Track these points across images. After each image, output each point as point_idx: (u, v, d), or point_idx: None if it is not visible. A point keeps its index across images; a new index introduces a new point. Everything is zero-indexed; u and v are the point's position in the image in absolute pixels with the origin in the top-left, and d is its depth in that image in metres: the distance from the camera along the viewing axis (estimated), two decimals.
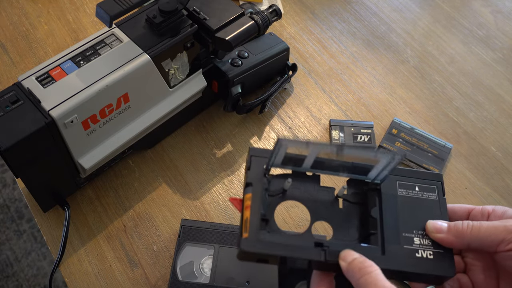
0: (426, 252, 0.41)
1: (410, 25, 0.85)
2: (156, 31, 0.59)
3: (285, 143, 0.40)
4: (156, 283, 0.59)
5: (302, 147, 0.40)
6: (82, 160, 0.58)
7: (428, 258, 0.40)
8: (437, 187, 0.44)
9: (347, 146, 0.40)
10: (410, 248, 0.41)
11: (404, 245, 0.41)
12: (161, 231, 0.63)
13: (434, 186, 0.44)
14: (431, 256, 0.41)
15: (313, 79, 0.78)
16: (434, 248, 0.41)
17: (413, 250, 0.41)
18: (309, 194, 0.45)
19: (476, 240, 0.39)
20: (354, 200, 0.44)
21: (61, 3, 0.84)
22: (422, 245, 0.41)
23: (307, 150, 0.41)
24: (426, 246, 0.41)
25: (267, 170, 0.43)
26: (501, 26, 0.85)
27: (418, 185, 0.44)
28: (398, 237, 0.41)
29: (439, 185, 0.44)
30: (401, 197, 0.44)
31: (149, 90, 0.60)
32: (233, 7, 0.63)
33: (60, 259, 0.60)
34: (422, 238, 0.42)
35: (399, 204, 0.43)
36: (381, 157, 0.40)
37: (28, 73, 0.55)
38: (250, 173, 0.43)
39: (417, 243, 0.41)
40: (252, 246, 0.39)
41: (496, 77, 0.79)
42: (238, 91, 0.67)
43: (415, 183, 0.44)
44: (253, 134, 0.71)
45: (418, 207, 0.43)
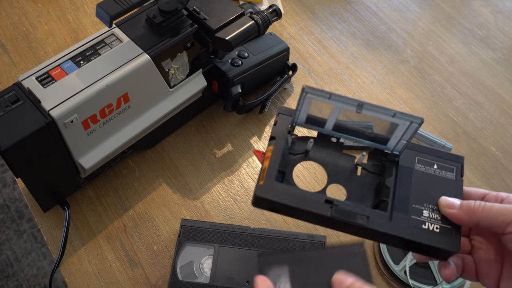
0: (433, 225, 0.41)
1: (410, 25, 0.85)
2: (156, 31, 0.59)
3: (310, 91, 0.41)
4: (156, 283, 0.59)
5: (325, 98, 0.41)
6: (82, 160, 0.58)
7: (434, 231, 0.41)
8: (456, 168, 0.45)
9: (367, 103, 0.41)
10: (417, 219, 0.42)
11: (412, 215, 0.42)
12: (161, 231, 0.63)
13: (453, 167, 0.45)
14: (437, 229, 0.41)
15: (313, 79, 0.78)
16: (442, 223, 0.42)
17: (420, 221, 0.42)
18: (330, 158, 0.46)
19: (486, 219, 0.40)
20: (373, 170, 0.45)
21: (61, 3, 0.84)
22: (430, 218, 0.42)
23: (330, 103, 0.42)
24: (434, 220, 0.42)
25: (292, 127, 0.45)
26: (501, 26, 0.85)
27: (437, 163, 0.45)
28: (407, 207, 0.42)
29: (459, 166, 0.45)
30: (417, 171, 0.44)
31: (149, 90, 0.60)
32: (233, 7, 0.63)
33: (60, 259, 0.60)
34: (432, 212, 0.42)
35: (414, 177, 0.44)
36: (399, 119, 0.41)
37: (28, 73, 0.55)
38: (275, 127, 0.45)
39: (426, 216, 0.42)
40: (265, 193, 0.41)
41: (496, 77, 0.79)
42: (238, 91, 0.67)
43: (435, 161, 0.45)
44: (253, 134, 0.71)
45: (433, 183, 0.44)
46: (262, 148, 0.70)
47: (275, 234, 0.59)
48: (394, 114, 0.41)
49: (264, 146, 0.70)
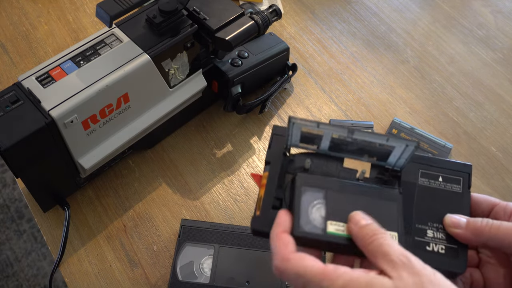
0: (438, 246, 0.40)
1: (410, 25, 0.85)
2: (156, 31, 0.59)
3: (297, 121, 0.39)
4: (156, 283, 0.59)
5: (313, 127, 0.40)
6: (82, 160, 0.58)
7: (439, 252, 0.40)
8: (463, 179, 0.43)
9: (357, 130, 0.39)
10: (421, 240, 0.40)
11: (415, 236, 0.40)
12: (161, 231, 0.63)
13: (460, 178, 0.43)
14: (442, 250, 0.40)
15: (313, 79, 0.78)
16: (447, 243, 0.40)
17: (424, 243, 0.40)
18: (330, 175, 0.43)
19: (493, 240, 0.38)
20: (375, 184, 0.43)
21: (61, 3, 0.84)
22: (435, 238, 0.40)
23: (319, 131, 0.40)
24: (439, 240, 0.40)
25: (286, 149, 0.43)
26: (501, 26, 0.85)
27: (442, 175, 0.43)
28: (410, 228, 0.40)
29: (466, 177, 0.43)
30: (421, 186, 0.42)
31: (149, 90, 0.60)
32: (233, 7, 0.63)
33: (60, 259, 0.60)
34: (437, 232, 0.40)
35: (417, 193, 0.42)
36: (394, 144, 0.39)
37: (28, 73, 0.55)
38: (269, 151, 0.43)
39: (430, 236, 0.40)
40: (261, 225, 0.39)
41: (496, 77, 0.79)
42: (238, 91, 0.67)
43: (440, 173, 0.43)
44: (253, 134, 0.71)
45: (438, 199, 0.42)
46: (262, 147, 0.70)
47: None
48: (387, 139, 0.39)
49: (264, 146, 0.70)
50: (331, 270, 0.34)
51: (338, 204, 0.39)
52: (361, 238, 0.36)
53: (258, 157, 0.69)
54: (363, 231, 0.36)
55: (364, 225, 0.36)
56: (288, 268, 0.35)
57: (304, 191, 0.39)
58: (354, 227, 0.37)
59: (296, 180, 0.40)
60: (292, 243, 0.36)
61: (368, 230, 0.36)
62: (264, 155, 0.69)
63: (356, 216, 0.37)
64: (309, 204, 0.39)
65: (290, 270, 0.35)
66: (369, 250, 0.35)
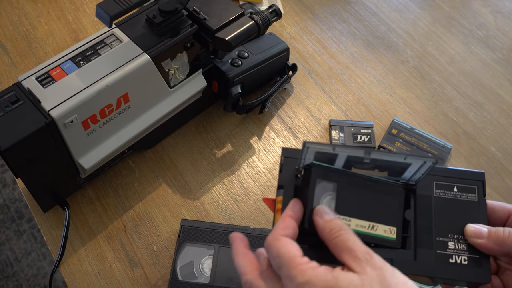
0: (460, 257, 0.40)
1: (410, 25, 0.85)
2: (156, 31, 0.59)
3: (311, 146, 0.39)
4: (156, 283, 0.59)
5: (328, 151, 0.39)
6: (82, 160, 0.58)
7: (462, 263, 0.39)
8: (477, 187, 0.42)
9: (374, 151, 0.39)
10: (443, 253, 0.40)
11: (437, 250, 0.40)
12: (161, 231, 0.63)
13: (474, 186, 0.42)
14: (465, 261, 0.40)
15: (313, 79, 0.78)
16: (469, 253, 0.40)
17: (446, 256, 0.40)
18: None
19: None
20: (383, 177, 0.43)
21: (61, 3, 0.84)
22: (456, 250, 0.40)
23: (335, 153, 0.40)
24: (460, 251, 0.40)
25: (298, 171, 0.42)
26: (501, 26, 0.85)
27: (456, 186, 0.43)
28: (431, 241, 0.40)
29: (480, 185, 0.42)
30: (437, 198, 0.42)
31: (149, 90, 0.60)
32: (233, 7, 0.63)
33: (60, 259, 0.60)
34: (458, 243, 0.40)
35: (434, 206, 0.42)
36: (411, 161, 0.39)
37: (28, 73, 0.55)
38: (282, 175, 0.42)
39: (452, 248, 0.40)
40: None
41: (496, 77, 0.79)
42: (238, 91, 0.67)
43: (454, 183, 0.43)
44: (253, 134, 0.71)
45: (456, 210, 0.42)
46: (262, 148, 0.70)
47: None
48: (405, 157, 0.39)
49: (264, 146, 0.70)
50: (303, 261, 0.36)
51: (347, 197, 0.40)
52: (327, 232, 0.37)
53: (258, 157, 0.69)
54: (329, 225, 0.37)
55: (329, 219, 0.38)
56: (273, 246, 0.37)
57: (318, 183, 0.40)
58: (320, 220, 0.38)
59: (311, 171, 0.40)
60: (290, 228, 0.38)
61: (334, 225, 0.37)
62: (264, 155, 0.69)
63: (321, 209, 0.39)
64: (320, 196, 0.40)
65: (273, 249, 0.37)
66: (334, 244, 0.37)
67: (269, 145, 0.70)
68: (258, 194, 0.66)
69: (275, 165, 0.68)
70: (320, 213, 0.38)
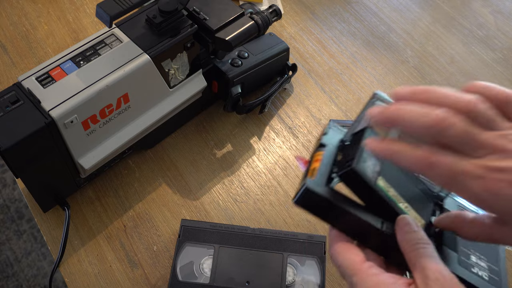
0: (482, 272, 0.40)
1: (410, 25, 0.85)
2: (156, 31, 0.59)
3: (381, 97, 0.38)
4: (156, 283, 0.59)
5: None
6: (82, 160, 0.58)
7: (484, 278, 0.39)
8: None
9: None
10: (466, 261, 0.40)
11: (461, 256, 0.40)
12: (161, 231, 0.63)
13: None
14: (486, 277, 0.40)
15: (313, 79, 0.78)
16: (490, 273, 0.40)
17: (469, 264, 0.40)
18: None
19: None
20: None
21: (61, 3, 0.84)
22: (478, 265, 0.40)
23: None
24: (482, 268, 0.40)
25: (342, 142, 0.41)
26: (501, 26, 0.85)
27: None
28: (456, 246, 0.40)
29: None
30: None
31: (149, 90, 0.60)
32: (233, 7, 0.63)
33: (60, 259, 0.60)
34: (479, 259, 0.40)
35: None
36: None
37: (28, 73, 0.55)
38: (326, 137, 0.41)
39: (473, 261, 0.40)
40: (317, 187, 0.37)
41: (496, 77, 0.79)
42: (238, 91, 0.67)
43: None
44: (253, 134, 0.71)
45: None
46: (262, 148, 0.70)
47: (275, 234, 0.59)
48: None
49: (264, 146, 0.70)
50: (365, 267, 0.35)
51: (390, 171, 0.39)
52: (404, 244, 0.36)
53: (258, 157, 0.69)
54: (407, 237, 0.36)
55: (408, 231, 0.36)
56: (332, 255, 0.37)
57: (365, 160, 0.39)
58: (399, 232, 0.37)
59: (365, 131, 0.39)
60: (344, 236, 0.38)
61: (411, 238, 0.36)
62: (264, 155, 0.69)
63: (403, 220, 0.37)
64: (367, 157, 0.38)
65: (333, 257, 0.37)
66: (409, 258, 0.36)
67: (269, 145, 0.70)
68: (258, 194, 0.66)
69: (275, 165, 0.68)
70: (401, 223, 0.37)
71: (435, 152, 0.33)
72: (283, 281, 0.57)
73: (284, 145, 0.70)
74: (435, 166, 0.33)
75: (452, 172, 0.33)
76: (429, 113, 0.34)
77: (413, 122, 0.34)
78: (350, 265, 0.36)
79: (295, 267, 0.58)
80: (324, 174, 0.39)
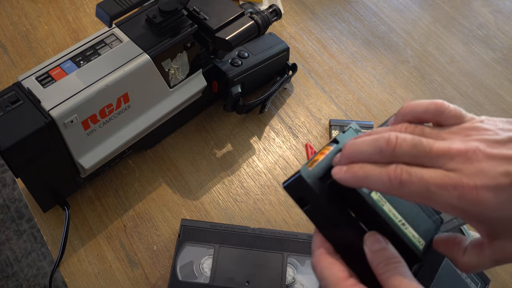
0: None
1: (410, 25, 0.85)
2: (156, 31, 0.59)
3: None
4: (156, 283, 0.59)
5: None
6: (82, 160, 0.58)
7: None
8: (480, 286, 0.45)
9: None
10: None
11: None
12: (161, 231, 0.63)
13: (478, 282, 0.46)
14: None
15: (313, 79, 0.78)
16: None
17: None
18: None
19: None
20: None
21: (61, 3, 0.84)
22: None
23: None
24: None
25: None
26: (501, 26, 0.85)
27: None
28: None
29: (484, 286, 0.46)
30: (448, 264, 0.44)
31: (149, 90, 0.60)
32: (233, 7, 0.63)
33: (60, 259, 0.60)
34: None
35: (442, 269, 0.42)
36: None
37: (28, 73, 0.55)
38: (342, 134, 0.41)
39: None
40: (309, 177, 0.37)
41: (496, 77, 0.79)
42: (238, 91, 0.67)
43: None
44: (253, 134, 0.71)
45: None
46: (262, 147, 0.70)
47: (275, 234, 0.59)
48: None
49: (264, 146, 0.70)
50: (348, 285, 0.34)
51: None
52: (375, 265, 0.35)
53: (258, 157, 0.69)
54: (377, 256, 0.35)
55: (378, 249, 0.35)
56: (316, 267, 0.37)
57: None
58: (368, 251, 0.36)
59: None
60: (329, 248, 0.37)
61: (381, 258, 0.35)
62: (264, 155, 0.69)
63: (371, 238, 0.36)
64: None
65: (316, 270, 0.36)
66: (381, 279, 0.34)
67: (269, 145, 0.70)
68: (258, 194, 0.66)
69: (275, 165, 0.68)
70: (369, 242, 0.36)
71: (403, 168, 0.33)
72: (283, 281, 0.57)
73: (284, 145, 0.70)
74: (406, 184, 0.32)
75: (424, 186, 0.32)
76: (377, 138, 0.35)
77: (366, 150, 0.35)
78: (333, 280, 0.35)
79: (295, 267, 0.58)
80: (322, 169, 0.38)
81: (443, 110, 0.36)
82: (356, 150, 0.35)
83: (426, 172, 0.32)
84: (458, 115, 0.36)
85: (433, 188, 0.32)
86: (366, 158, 0.35)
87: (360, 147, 0.35)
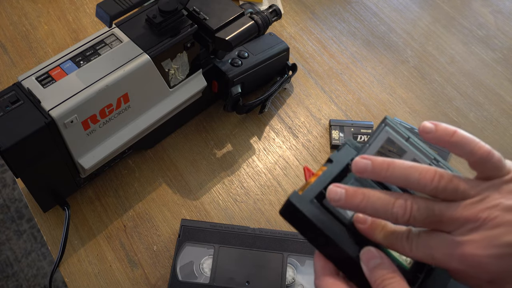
0: None
1: (410, 25, 0.85)
2: (156, 31, 0.59)
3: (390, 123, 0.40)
4: (156, 283, 0.59)
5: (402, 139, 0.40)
6: (82, 160, 0.58)
7: None
8: None
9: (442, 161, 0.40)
10: None
11: None
12: (161, 231, 0.63)
13: None
14: None
15: (313, 79, 0.78)
16: None
17: None
18: None
19: None
20: None
21: (61, 3, 0.84)
22: None
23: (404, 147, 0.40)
24: None
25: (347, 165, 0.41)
26: (501, 26, 0.85)
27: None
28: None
29: None
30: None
31: (149, 90, 0.60)
32: (233, 7, 0.63)
33: (60, 259, 0.60)
34: None
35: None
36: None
37: (28, 73, 0.55)
38: (336, 153, 0.41)
39: None
40: (298, 202, 0.38)
41: (496, 77, 0.79)
42: (238, 91, 0.67)
43: None
44: (253, 134, 0.71)
45: None
46: (262, 147, 0.70)
47: (275, 234, 0.60)
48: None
49: (264, 146, 0.70)
50: None
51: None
52: (373, 281, 0.36)
53: (258, 157, 0.69)
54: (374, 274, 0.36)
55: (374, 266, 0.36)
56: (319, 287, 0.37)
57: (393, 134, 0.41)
58: (364, 268, 0.36)
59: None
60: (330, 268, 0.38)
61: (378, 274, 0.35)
62: (264, 155, 0.69)
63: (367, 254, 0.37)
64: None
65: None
66: None
67: (269, 145, 0.70)
68: (258, 194, 0.66)
69: (275, 165, 0.68)
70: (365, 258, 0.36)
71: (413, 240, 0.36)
72: (283, 281, 0.57)
73: (284, 145, 0.70)
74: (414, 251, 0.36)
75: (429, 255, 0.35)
76: (389, 205, 0.36)
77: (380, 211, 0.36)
78: None
79: (295, 267, 0.58)
80: (314, 191, 0.39)
81: (488, 160, 0.37)
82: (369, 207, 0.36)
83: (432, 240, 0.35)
84: (500, 167, 0.37)
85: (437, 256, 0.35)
86: (378, 216, 0.37)
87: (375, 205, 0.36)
